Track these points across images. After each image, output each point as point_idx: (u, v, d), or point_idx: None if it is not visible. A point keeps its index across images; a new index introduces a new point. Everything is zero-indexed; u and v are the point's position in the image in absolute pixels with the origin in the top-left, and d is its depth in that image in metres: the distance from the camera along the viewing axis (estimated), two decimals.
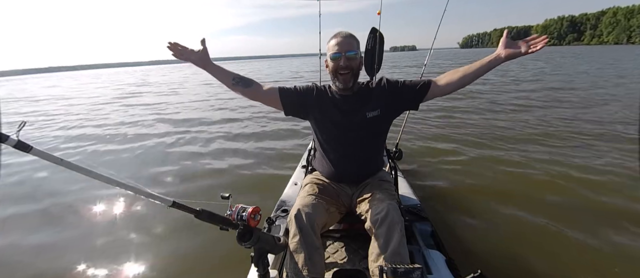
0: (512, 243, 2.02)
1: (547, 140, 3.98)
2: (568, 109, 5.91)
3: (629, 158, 3.25)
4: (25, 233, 2.43)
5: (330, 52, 1.29)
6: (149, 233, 2.31)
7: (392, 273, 0.85)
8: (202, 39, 1.27)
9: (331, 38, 1.31)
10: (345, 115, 1.32)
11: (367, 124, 1.31)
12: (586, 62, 18.55)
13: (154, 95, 12.20)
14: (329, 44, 1.31)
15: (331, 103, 1.34)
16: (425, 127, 4.95)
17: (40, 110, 9.61)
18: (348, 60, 1.26)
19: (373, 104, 1.31)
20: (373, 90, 1.35)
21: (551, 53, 34.36)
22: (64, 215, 2.69)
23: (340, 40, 1.27)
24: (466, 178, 2.98)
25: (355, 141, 1.33)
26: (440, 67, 19.03)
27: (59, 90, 17.94)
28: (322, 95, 1.37)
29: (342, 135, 1.33)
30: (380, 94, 1.33)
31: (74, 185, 3.15)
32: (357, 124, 1.31)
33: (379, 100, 1.32)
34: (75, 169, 0.69)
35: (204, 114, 7.24)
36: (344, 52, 1.26)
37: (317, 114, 1.35)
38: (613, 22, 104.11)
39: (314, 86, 1.40)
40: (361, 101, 1.33)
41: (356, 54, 1.28)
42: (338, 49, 1.27)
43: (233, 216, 0.95)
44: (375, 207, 1.16)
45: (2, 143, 0.58)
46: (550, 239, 2.04)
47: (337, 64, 1.27)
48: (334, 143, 1.36)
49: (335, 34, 1.32)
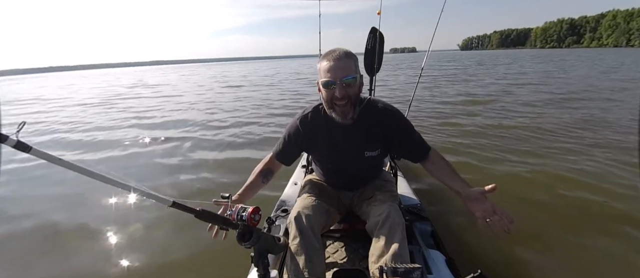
0: (512, 243, 2.01)
1: (548, 141, 3.98)
2: (566, 109, 5.92)
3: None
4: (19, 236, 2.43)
5: (323, 78, 1.06)
6: (149, 233, 2.31)
7: (392, 273, 0.85)
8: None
9: (322, 58, 1.08)
10: (341, 152, 1.22)
11: (365, 162, 1.24)
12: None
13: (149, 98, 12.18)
14: (320, 66, 1.08)
15: (326, 137, 1.21)
16: (425, 127, 4.95)
17: (21, 112, 9.41)
18: (345, 88, 1.05)
19: (373, 143, 1.20)
20: (375, 125, 1.18)
21: (555, 55, 34.30)
22: (64, 215, 2.69)
23: (334, 64, 1.04)
24: (466, 178, 2.96)
25: (354, 172, 1.30)
26: (440, 68, 19.01)
27: (54, 90, 17.86)
28: (313, 129, 1.21)
29: (339, 166, 1.29)
30: (381, 134, 1.19)
31: (74, 185, 3.15)
32: (353, 163, 1.25)
33: (379, 141, 1.20)
34: (75, 169, 0.69)
35: (206, 115, 7.24)
36: (339, 79, 1.04)
37: (311, 150, 1.32)
38: (613, 25, 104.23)
39: (303, 121, 1.23)
40: (360, 135, 1.18)
41: (355, 79, 1.06)
42: (331, 75, 1.04)
43: (233, 216, 0.95)
44: (376, 208, 1.16)
45: (2, 144, 0.58)
46: (551, 239, 2.04)
47: (331, 93, 1.06)
48: (329, 169, 1.34)
49: (326, 53, 1.09)
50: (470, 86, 10.29)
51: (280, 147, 1.30)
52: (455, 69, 18.98)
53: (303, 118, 1.24)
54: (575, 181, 2.82)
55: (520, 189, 2.74)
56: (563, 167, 3.13)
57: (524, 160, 3.36)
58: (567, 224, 2.20)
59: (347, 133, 1.19)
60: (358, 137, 1.19)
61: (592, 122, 4.84)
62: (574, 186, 2.72)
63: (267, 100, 9.24)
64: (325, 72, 1.06)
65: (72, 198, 2.95)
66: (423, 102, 7.22)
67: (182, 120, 6.64)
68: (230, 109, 7.77)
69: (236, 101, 9.31)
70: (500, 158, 3.48)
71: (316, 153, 1.32)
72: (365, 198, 1.30)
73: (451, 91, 9.13)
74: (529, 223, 2.22)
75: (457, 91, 9.06)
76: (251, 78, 19.40)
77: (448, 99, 7.61)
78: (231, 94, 11.44)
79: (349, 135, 1.19)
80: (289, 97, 9.77)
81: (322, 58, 1.10)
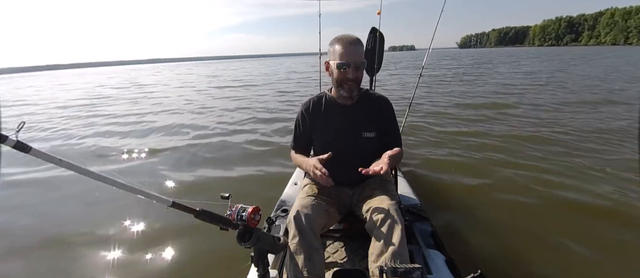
0: (512, 243, 2.02)
1: (548, 141, 3.98)
2: (564, 106, 5.92)
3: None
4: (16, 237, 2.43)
5: (336, 59, 1.21)
6: (148, 233, 2.31)
7: (392, 273, 0.85)
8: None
9: (335, 41, 1.22)
10: (341, 132, 1.31)
11: (363, 142, 1.31)
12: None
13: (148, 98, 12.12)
14: (334, 48, 1.22)
15: (327, 119, 1.33)
16: (425, 127, 4.95)
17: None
18: (356, 70, 1.21)
19: (370, 124, 1.31)
20: (372, 107, 1.33)
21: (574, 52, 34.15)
22: (63, 215, 2.69)
23: (349, 48, 1.19)
24: (466, 178, 2.98)
25: (352, 156, 1.31)
26: (441, 68, 18.98)
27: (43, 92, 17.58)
28: (316, 113, 1.34)
29: (338, 149, 1.30)
30: (377, 117, 1.32)
31: (73, 185, 3.15)
32: (352, 142, 1.31)
33: (375, 122, 1.31)
34: (75, 170, 0.69)
35: (204, 117, 7.24)
36: (353, 62, 1.19)
37: (314, 134, 1.38)
38: (611, 23, 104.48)
39: (306, 107, 1.37)
40: (359, 116, 1.31)
41: (364, 63, 1.24)
42: (346, 59, 1.19)
43: (233, 216, 0.95)
44: (376, 208, 1.16)
45: (2, 144, 0.58)
46: (551, 239, 2.04)
47: (343, 75, 1.21)
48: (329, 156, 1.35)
49: (339, 37, 1.23)
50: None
51: (294, 139, 1.42)
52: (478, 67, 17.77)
53: (306, 105, 1.38)
54: (576, 180, 2.81)
55: (520, 189, 2.74)
56: (568, 164, 3.13)
57: (526, 157, 3.36)
58: (568, 224, 2.20)
59: (347, 113, 1.32)
60: (357, 116, 1.31)
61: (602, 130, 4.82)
62: (575, 186, 2.72)
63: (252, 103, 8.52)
64: (340, 55, 1.19)
65: (71, 199, 2.95)
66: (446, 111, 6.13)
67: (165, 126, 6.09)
68: (235, 108, 7.76)
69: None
70: (503, 152, 3.49)
71: (318, 138, 1.36)
72: (365, 198, 1.30)
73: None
74: (529, 223, 2.22)
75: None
76: (245, 78, 19.05)
77: (449, 99, 7.58)
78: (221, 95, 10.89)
79: (348, 114, 1.31)
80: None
81: (335, 41, 1.22)
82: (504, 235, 2.12)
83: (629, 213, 2.28)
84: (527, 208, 2.41)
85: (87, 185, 3.05)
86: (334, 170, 1.33)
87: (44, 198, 3.04)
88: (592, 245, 1.94)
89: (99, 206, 2.77)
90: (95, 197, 2.89)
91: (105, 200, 2.82)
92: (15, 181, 3.44)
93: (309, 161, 1.21)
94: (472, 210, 2.40)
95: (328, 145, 1.30)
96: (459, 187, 2.84)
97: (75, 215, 2.70)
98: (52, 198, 3.01)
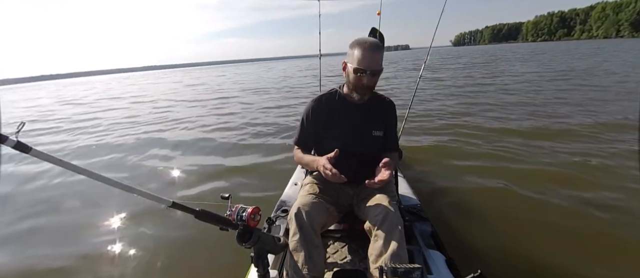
0: (512, 243, 2.01)
1: (548, 140, 3.97)
2: (562, 104, 5.90)
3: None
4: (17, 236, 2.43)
5: (354, 64, 1.19)
6: (148, 234, 2.31)
7: (392, 273, 0.85)
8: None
9: (355, 44, 1.20)
10: (350, 130, 1.32)
11: (371, 141, 1.33)
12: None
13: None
14: (353, 51, 1.20)
15: (340, 114, 1.33)
16: (426, 127, 4.95)
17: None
18: (372, 77, 1.21)
19: (378, 122, 1.33)
20: (380, 107, 1.36)
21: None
22: (63, 216, 2.69)
23: (367, 55, 1.16)
24: (466, 178, 2.98)
25: (359, 153, 1.32)
26: (442, 68, 18.85)
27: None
28: (328, 108, 1.33)
29: (347, 145, 1.30)
30: (385, 116, 1.35)
31: (73, 185, 3.15)
32: (360, 141, 1.32)
33: (382, 122, 1.34)
34: (76, 170, 0.69)
35: (205, 117, 7.23)
36: (370, 69, 1.18)
37: (322, 131, 1.36)
38: (602, 16, 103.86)
39: (318, 101, 1.35)
40: (369, 115, 1.33)
41: (381, 70, 1.23)
42: (365, 65, 1.17)
43: (233, 216, 0.95)
44: (375, 208, 1.16)
45: (2, 144, 0.59)
46: (551, 239, 2.03)
47: (359, 80, 1.21)
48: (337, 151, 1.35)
49: (361, 41, 1.20)
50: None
51: (299, 134, 1.40)
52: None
53: (318, 99, 1.37)
54: (576, 179, 2.81)
55: (520, 189, 2.74)
56: (568, 164, 3.13)
57: (526, 157, 3.36)
58: (568, 224, 2.19)
59: (359, 110, 1.33)
60: (368, 114, 1.33)
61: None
62: (575, 186, 2.72)
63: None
64: (358, 60, 1.18)
65: (71, 199, 2.95)
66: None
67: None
68: (235, 109, 7.74)
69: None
70: (503, 152, 3.48)
71: (327, 133, 1.35)
72: (365, 198, 1.30)
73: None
74: (529, 223, 2.22)
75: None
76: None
77: (449, 99, 7.55)
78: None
79: (361, 112, 1.33)
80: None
81: (355, 44, 1.20)
82: (504, 235, 2.11)
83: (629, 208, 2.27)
84: (529, 208, 2.41)
85: (87, 186, 3.06)
86: (340, 166, 1.33)
87: (44, 198, 3.04)
88: (593, 245, 1.94)
89: (99, 206, 2.77)
90: (95, 197, 2.89)
91: (105, 200, 2.82)
92: (16, 181, 3.44)
93: (319, 160, 1.20)
94: (472, 210, 2.40)
95: (337, 141, 1.30)
96: (458, 187, 2.84)
97: (75, 215, 2.70)
98: (52, 198, 3.01)
